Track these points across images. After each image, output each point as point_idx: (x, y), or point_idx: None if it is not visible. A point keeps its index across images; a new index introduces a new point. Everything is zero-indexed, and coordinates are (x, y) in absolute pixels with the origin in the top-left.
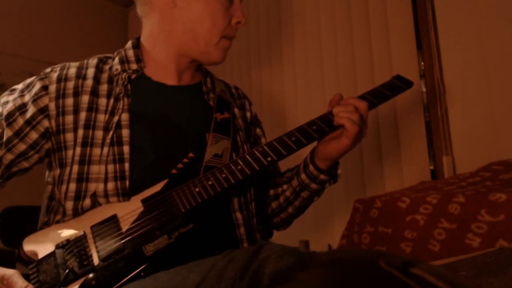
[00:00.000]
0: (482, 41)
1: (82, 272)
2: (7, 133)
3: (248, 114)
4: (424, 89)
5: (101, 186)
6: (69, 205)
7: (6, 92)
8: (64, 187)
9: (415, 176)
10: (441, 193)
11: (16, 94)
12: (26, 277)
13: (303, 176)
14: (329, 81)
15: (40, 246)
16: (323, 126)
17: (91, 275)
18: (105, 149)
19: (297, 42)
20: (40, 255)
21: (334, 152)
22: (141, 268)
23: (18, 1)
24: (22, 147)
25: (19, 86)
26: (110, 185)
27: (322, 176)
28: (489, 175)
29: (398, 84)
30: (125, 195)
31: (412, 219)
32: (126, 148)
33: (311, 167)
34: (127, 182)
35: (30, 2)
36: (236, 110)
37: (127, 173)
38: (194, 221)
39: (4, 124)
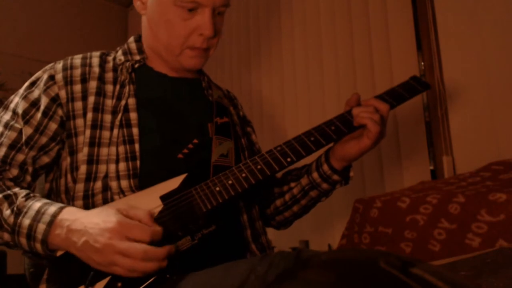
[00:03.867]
0: (482, 41)
1: (105, 272)
2: (26, 131)
3: (241, 113)
4: None
5: (112, 167)
6: (80, 187)
7: (12, 96)
8: (75, 173)
9: (415, 176)
10: (441, 193)
11: (22, 91)
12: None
13: (315, 175)
14: (328, 81)
15: None
16: (342, 126)
17: (116, 276)
18: (115, 131)
19: (296, 42)
20: (58, 252)
21: (353, 153)
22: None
23: (18, 1)
24: (43, 140)
25: (25, 85)
26: (122, 165)
27: (335, 177)
28: (489, 175)
29: (416, 86)
30: (135, 176)
31: (412, 219)
32: (135, 130)
33: (325, 167)
34: (138, 162)
35: (30, 2)
36: (231, 109)
37: (137, 153)
38: (215, 222)
39: (22, 123)
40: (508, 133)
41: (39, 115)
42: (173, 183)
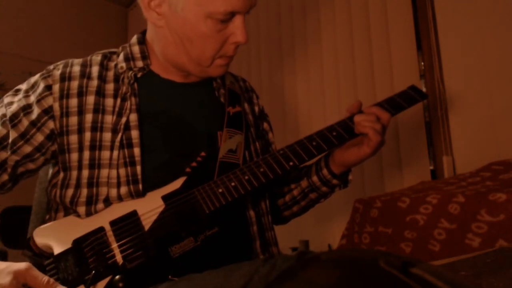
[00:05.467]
0: (482, 41)
1: (106, 272)
2: (12, 135)
3: (256, 108)
4: (424, 89)
5: (113, 191)
6: (81, 210)
7: (10, 93)
8: (70, 191)
9: (415, 176)
10: (441, 193)
11: (20, 95)
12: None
13: (315, 178)
14: (328, 81)
15: (55, 240)
16: (343, 133)
17: (117, 277)
18: (115, 152)
19: (296, 43)
20: (56, 250)
21: (352, 159)
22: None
23: (18, 1)
24: (27, 149)
25: (23, 86)
26: (123, 189)
27: (334, 181)
28: (489, 175)
29: (414, 96)
30: (139, 196)
31: (412, 219)
32: (136, 150)
33: (325, 171)
34: (140, 186)
35: (30, 2)
36: (245, 105)
37: (139, 177)
38: (218, 224)
39: (9, 125)
40: (508, 133)
41: (27, 122)
42: (176, 184)
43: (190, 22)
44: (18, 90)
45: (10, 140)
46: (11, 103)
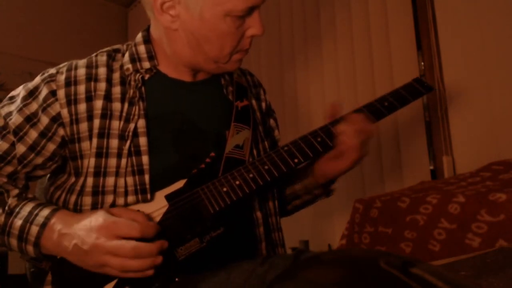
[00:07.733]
0: (482, 41)
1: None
2: (20, 149)
3: (263, 104)
4: None
5: (121, 200)
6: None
7: (5, 102)
8: (73, 197)
9: (415, 176)
10: (441, 193)
11: (19, 103)
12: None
13: (298, 187)
14: (328, 81)
15: None
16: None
17: (123, 278)
18: (123, 161)
19: (296, 44)
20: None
21: (332, 172)
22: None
23: (18, 1)
24: (39, 160)
25: (20, 93)
26: (131, 198)
27: (316, 191)
28: (489, 175)
29: (419, 89)
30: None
31: (412, 219)
32: (145, 158)
33: (308, 180)
34: (149, 196)
35: (30, 2)
36: (253, 102)
37: (147, 186)
38: (224, 224)
39: (14, 138)
40: (508, 133)
41: (35, 134)
42: (179, 184)
43: (209, 23)
44: (13, 98)
45: (17, 154)
46: (10, 113)
